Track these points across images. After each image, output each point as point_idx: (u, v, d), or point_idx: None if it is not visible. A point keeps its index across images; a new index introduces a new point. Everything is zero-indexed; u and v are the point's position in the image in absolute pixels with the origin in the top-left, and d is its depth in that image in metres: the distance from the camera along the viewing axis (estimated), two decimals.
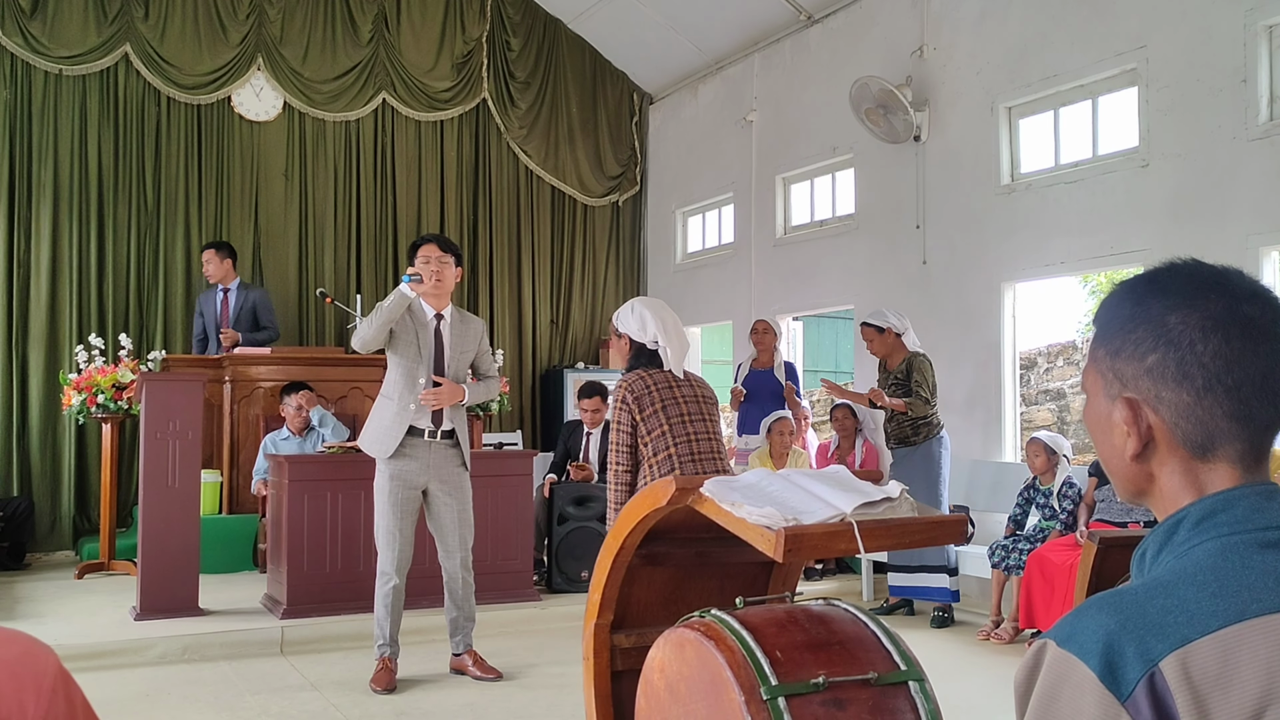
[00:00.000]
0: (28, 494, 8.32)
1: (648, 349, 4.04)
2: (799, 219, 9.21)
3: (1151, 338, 1.04)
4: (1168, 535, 1.04)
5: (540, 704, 4.70)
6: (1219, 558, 0.97)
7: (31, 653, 0.88)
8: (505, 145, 10.43)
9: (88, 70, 8.71)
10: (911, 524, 2.39)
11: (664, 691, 2.33)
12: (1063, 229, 6.68)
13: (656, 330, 4.03)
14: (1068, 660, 0.93)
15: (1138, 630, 0.92)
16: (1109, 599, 0.96)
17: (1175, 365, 1.03)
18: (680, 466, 3.81)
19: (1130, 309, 1.08)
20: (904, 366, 6.41)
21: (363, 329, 4.78)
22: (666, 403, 3.90)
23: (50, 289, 8.58)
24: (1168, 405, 1.04)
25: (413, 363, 4.86)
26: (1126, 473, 1.09)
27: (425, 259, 4.89)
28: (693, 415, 3.94)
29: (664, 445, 3.85)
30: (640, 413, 3.88)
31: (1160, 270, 1.09)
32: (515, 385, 10.14)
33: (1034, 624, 5.73)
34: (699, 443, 3.91)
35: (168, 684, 4.97)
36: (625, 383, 3.94)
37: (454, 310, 5.06)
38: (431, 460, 4.91)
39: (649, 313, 4.06)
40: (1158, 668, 0.90)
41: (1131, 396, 1.06)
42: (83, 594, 6.68)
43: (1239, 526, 1.00)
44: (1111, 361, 1.08)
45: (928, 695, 2.24)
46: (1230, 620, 0.91)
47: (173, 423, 5.90)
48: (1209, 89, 5.90)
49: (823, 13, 8.72)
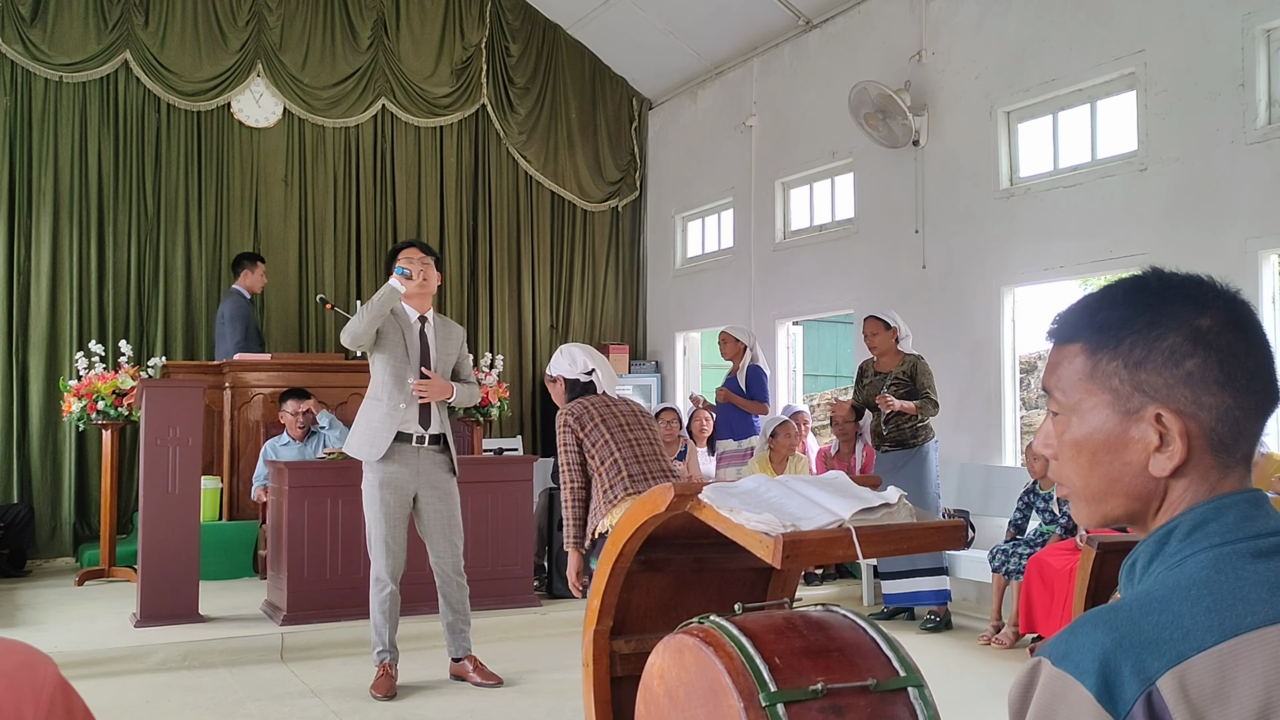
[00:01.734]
0: (28, 501, 8.32)
1: (581, 382, 4.40)
2: (798, 223, 9.21)
3: (1188, 342, 1.02)
4: (1159, 546, 1.03)
5: (540, 710, 4.70)
6: (1212, 570, 0.96)
7: (30, 663, 0.88)
8: (505, 151, 10.44)
9: (88, 77, 8.73)
10: (910, 530, 2.39)
11: (663, 697, 2.33)
12: (1062, 233, 6.68)
13: (585, 361, 4.41)
14: (1063, 679, 0.92)
15: (1134, 648, 0.91)
16: (1103, 615, 0.95)
17: (1219, 368, 1.01)
18: (625, 467, 4.10)
19: (1145, 314, 1.04)
20: (907, 368, 6.41)
21: (353, 324, 4.80)
22: (605, 417, 4.22)
23: (50, 296, 8.58)
24: (1208, 410, 1.01)
25: (400, 362, 4.87)
26: (1139, 490, 1.05)
27: (409, 260, 4.91)
28: (631, 425, 4.26)
29: (609, 453, 4.14)
30: (582, 430, 4.19)
31: (1157, 276, 1.07)
32: (515, 391, 10.13)
33: (1034, 629, 5.73)
34: (641, 445, 4.20)
35: (168, 691, 4.97)
36: (565, 410, 4.27)
37: (436, 314, 5.09)
38: (420, 466, 4.92)
39: (577, 350, 4.47)
40: (1155, 686, 0.89)
41: (1172, 407, 1.02)
42: (83, 601, 6.68)
43: (1230, 536, 0.99)
44: (1132, 374, 1.03)
45: (927, 701, 2.24)
46: (1226, 635, 0.91)
47: (173, 429, 5.90)
48: (1207, 93, 5.91)
49: (821, 17, 8.74)
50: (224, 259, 9.19)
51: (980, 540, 6.69)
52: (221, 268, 9.18)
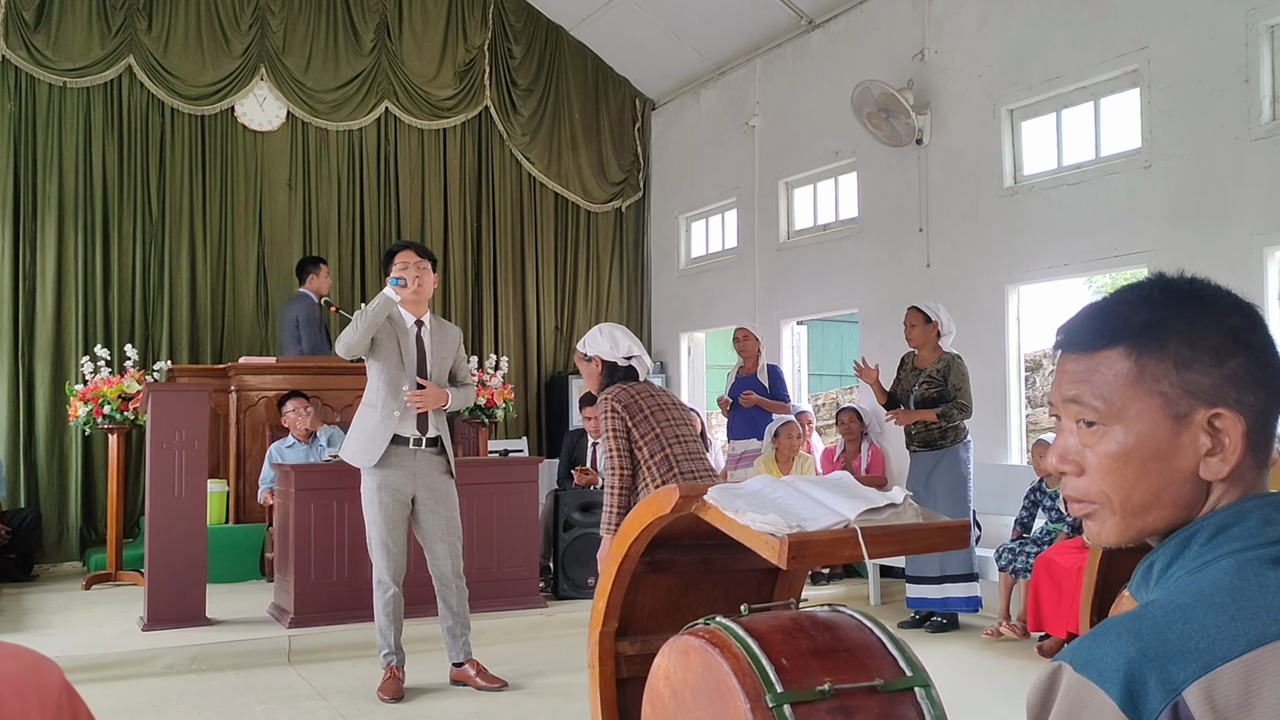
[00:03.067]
0: (35, 505, 8.34)
1: (620, 366, 4.24)
2: (802, 223, 9.21)
3: (1230, 343, 1.01)
4: (1179, 549, 1.02)
5: (546, 711, 4.70)
6: (1234, 577, 0.96)
7: (36, 668, 0.88)
8: (508, 152, 10.45)
9: (92, 82, 8.74)
10: (916, 530, 2.39)
11: (669, 699, 2.33)
12: (1066, 231, 6.67)
13: (629, 345, 4.25)
14: (1086, 687, 0.92)
15: (1159, 658, 0.90)
16: (1127, 623, 0.95)
17: (1258, 368, 1.01)
18: (678, 465, 3.97)
19: (1186, 316, 1.03)
20: (942, 367, 6.26)
21: (347, 334, 4.79)
22: (653, 409, 4.07)
23: (56, 300, 8.60)
24: (1250, 410, 1.01)
25: (395, 370, 4.86)
26: (1187, 499, 1.03)
27: (403, 265, 4.88)
28: (677, 420, 4.12)
29: (659, 447, 4.00)
30: (632, 419, 4.02)
31: (1181, 278, 1.06)
32: (520, 392, 10.13)
33: (1042, 627, 5.72)
34: (689, 443, 4.08)
35: (175, 694, 4.98)
36: (610, 394, 4.10)
37: (432, 317, 5.06)
38: (417, 469, 4.91)
39: (619, 332, 4.31)
40: (1181, 696, 0.88)
41: (1226, 409, 1.00)
42: (90, 605, 6.69)
43: (1251, 541, 0.98)
44: (1181, 375, 1.01)
45: (934, 701, 2.23)
46: (1252, 644, 0.90)
47: (179, 433, 5.91)
48: (1211, 89, 5.90)
49: (824, 17, 8.73)
50: (228, 262, 9.22)
51: (986, 539, 6.68)
52: (226, 271, 9.21)
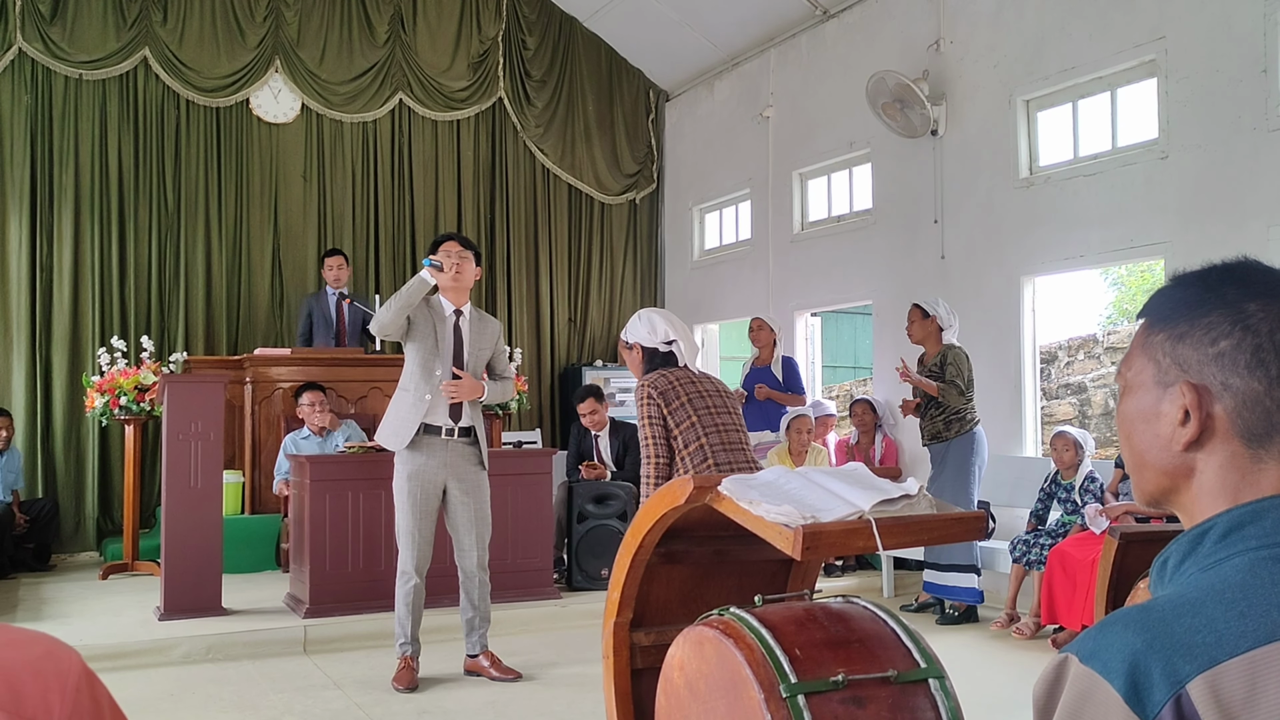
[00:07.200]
0: (52, 496, 8.40)
1: (660, 351, 4.06)
2: (816, 214, 9.19)
3: (1227, 322, 1.02)
4: (1193, 545, 1.02)
5: (561, 701, 4.72)
6: (1247, 574, 0.95)
7: (54, 653, 0.89)
8: (522, 144, 10.45)
9: (107, 74, 8.78)
10: (930, 521, 2.39)
11: (684, 689, 2.33)
12: (1082, 222, 6.64)
13: (666, 330, 4.06)
14: (1091, 678, 0.91)
15: (1164, 650, 0.90)
16: (1135, 615, 0.94)
17: (1251, 352, 1.01)
18: (713, 455, 3.81)
19: (1200, 294, 1.05)
20: (939, 358, 6.36)
21: (381, 313, 4.83)
22: (691, 396, 3.89)
23: (72, 292, 8.65)
24: (1234, 393, 1.01)
25: (429, 355, 4.88)
26: (1166, 465, 1.06)
27: (446, 253, 4.93)
28: (718, 407, 3.93)
29: (694, 437, 3.83)
30: (667, 406, 3.85)
31: (1232, 262, 1.07)
32: (534, 384, 10.16)
33: (1056, 620, 5.71)
34: (728, 433, 3.90)
35: (192, 684, 5.01)
36: (647, 381, 3.93)
37: (473, 309, 5.08)
38: (449, 459, 4.93)
39: (657, 317, 4.11)
40: (1185, 690, 0.88)
41: (1196, 382, 1.03)
42: (107, 594, 6.74)
43: (1267, 540, 0.97)
44: (1173, 347, 1.05)
45: (948, 693, 2.23)
46: (1260, 641, 0.89)
47: (195, 424, 5.94)
48: (1229, 80, 5.86)
49: (839, 7, 8.70)
50: (244, 254, 9.26)
51: (1001, 531, 6.66)
52: (241, 263, 9.25)
